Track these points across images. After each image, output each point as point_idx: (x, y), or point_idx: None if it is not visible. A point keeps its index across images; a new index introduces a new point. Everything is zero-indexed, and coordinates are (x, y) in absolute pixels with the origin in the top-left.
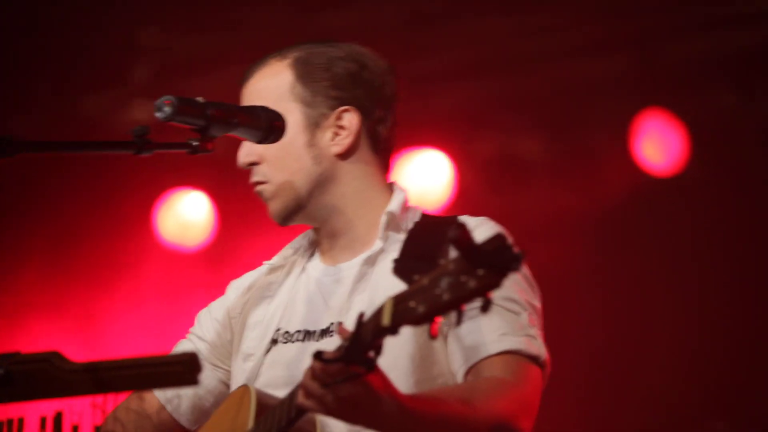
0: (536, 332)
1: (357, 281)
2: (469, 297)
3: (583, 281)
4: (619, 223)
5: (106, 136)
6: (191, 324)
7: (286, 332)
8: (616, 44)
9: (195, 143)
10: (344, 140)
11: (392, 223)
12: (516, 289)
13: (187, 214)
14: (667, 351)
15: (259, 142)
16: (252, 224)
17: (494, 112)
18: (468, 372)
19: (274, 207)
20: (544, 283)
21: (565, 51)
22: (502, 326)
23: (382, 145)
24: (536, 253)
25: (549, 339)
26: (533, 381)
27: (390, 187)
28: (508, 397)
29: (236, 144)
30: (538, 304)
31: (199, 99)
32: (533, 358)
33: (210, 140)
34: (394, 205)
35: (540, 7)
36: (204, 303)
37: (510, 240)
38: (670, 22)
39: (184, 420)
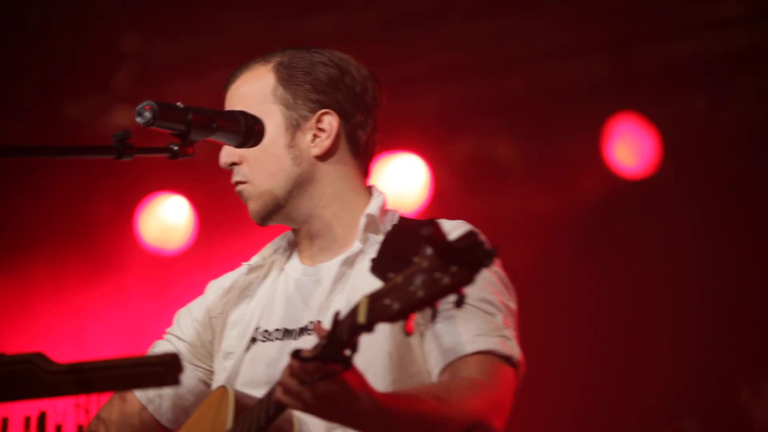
0: (511, 333)
1: (336, 281)
2: (443, 293)
3: (558, 282)
4: (593, 225)
5: (89, 141)
6: (170, 325)
7: (266, 331)
8: (589, 49)
9: (175, 148)
10: (323, 142)
11: (371, 226)
12: (491, 290)
13: (168, 218)
14: (640, 350)
15: (239, 146)
16: (231, 227)
17: (469, 115)
18: (443, 371)
19: (254, 207)
20: (518, 284)
21: (540, 55)
22: (477, 327)
23: (361, 150)
24: (511, 254)
25: (524, 339)
26: (506, 381)
27: (369, 191)
28: (482, 396)
29: (217, 148)
30: (513, 305)
31: (179, 104)
32: (507, 359)
33: (190, 145)
34: (373, 207)
35: (515, 12)
36: (185, 304)
37: (482, 238)
38: (643, 27)
39: (165, 419)
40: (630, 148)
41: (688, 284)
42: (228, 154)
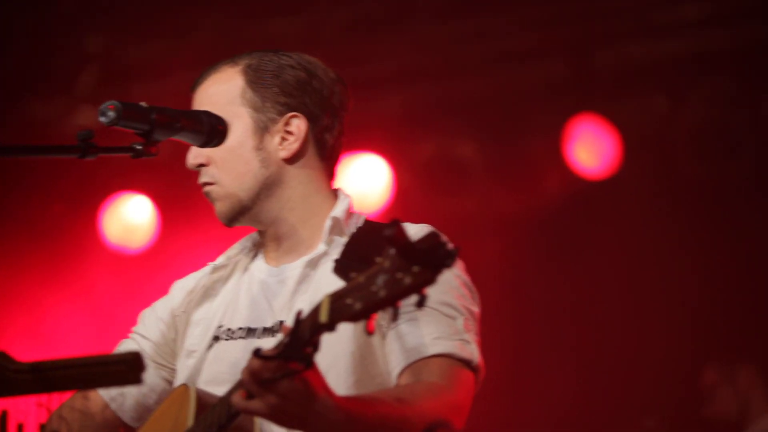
0: (471, 337)
1: (299, 282)
2: (404, 293)
3: (520, 282)
4: (555, 225)
5: (54, 142)
6: (136, 324)
7: (229, 329)
8: (551, 50)
9: (139, 147)
10: (291, 145)
11: (336, 228)
12: (453, 294)
13: (131, 217)
14: (599, 349)
15: (202, 145)
16: (195, 227)
17: (432, 116)
18: (403, 372)
19: (221, 208)
20: (480, 284)
21: (502, 56)
22: (437, 330)
23: (328, 152)
24: (473, 254)
25: (486, 338)
26: (465, 385)
27: (335, 193)
28: (440, 400)
29: (180, 148)
30: (475, 309)
31: (143, 104)
32: (466, 362)
33: (154, 144)
34: (338, 210)
35: (477, 14)
36: (148, 304)
37: (444, 239)
38: (605, 29)
39: (127, 418)
40: (591, 148)
41: (647, 283)
42: (196, 155)
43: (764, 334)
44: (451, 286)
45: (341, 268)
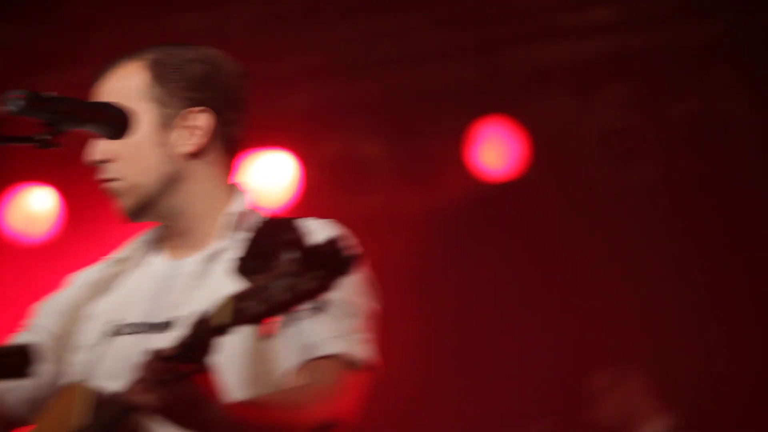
0: (365, 336)
1: (196, 278)
2: (306, 297)
3: (423, 280)
4: (459, 225)
5: None
6: (32, 315)
7: (125, 324)
8: (459, 51)
9: (45, 137)
10: (197, 140)
11: (235, 223)
12: (349, 292)
13: (33, 208)
14: (495, 352)
15: (110, 138)
16: (98, 220)
17: (339, 114)
18: (295, 371)
19: (125, 204)
20: (383, 281)
21: (410, 56)
22: (331, 329)
23: (232, 147)
24: (376, 252)
25: (386, 336)
26: (353, 386)
27: (237, 188)
28: (331, 402)
29: (85, 139)
30: (372, 307)
31: (50, 94)
32: (358, 362)
33: (60, 135)
34: (237, 205)
35: (384, 14)
36: (46, 295)
37: (349, 242)
38: (513, 30)
39: (17, 413)
40: (498, 150)
41: (547, 285)
42: (99, 150)
43: (652, 341)
44: (348, 284)
45: (242, 267)
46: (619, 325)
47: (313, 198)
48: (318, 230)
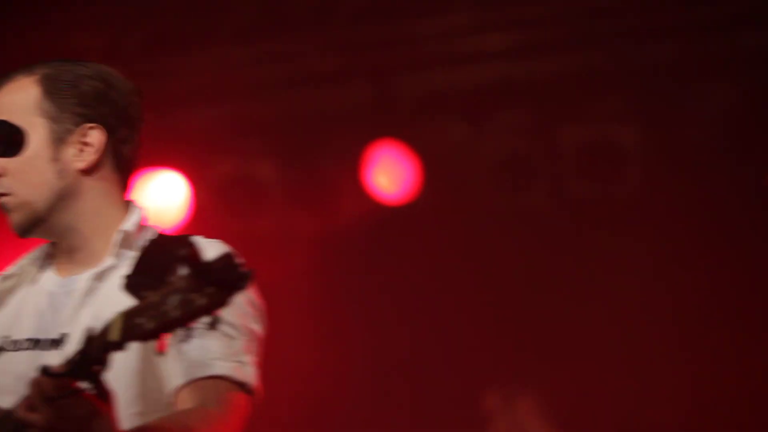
0: (249, 359)
1: (86, 295)
2: (197, 314)
3: (315, 303)
4: (351, 248)
5: None
6: None
7: (14, 340)
8: (353, 75)
9: None
10: (88, 157)
11: (126, 241)
12: (236, 313)
13: None
14: (388, 372)
15: (0, 154)
16: None
17: (232, 136)
18: (180, 391)
19: (15, 219)
20: (273, 304)
21: (304, 79)
22: (215, 350)
23: (124, 164)
24: (267, 274)
25: (277, 360)
26: (238, 408)
27: (128, 206)
28: (212, 424)
29: None
30: (258, 329)
31: None
32: (241, 385)
33: None
34: (129, 223)
35: (278, 37)
36: None
37: (239, 259)
38: (406, 55)
39: None
40: (391, 173)
41: (438, 307)
42: None
43: (543, 364)
44: (235, 305)
45: (131, 284)
46: (510, 345)
47: (205, 219)
48: (210, 248)
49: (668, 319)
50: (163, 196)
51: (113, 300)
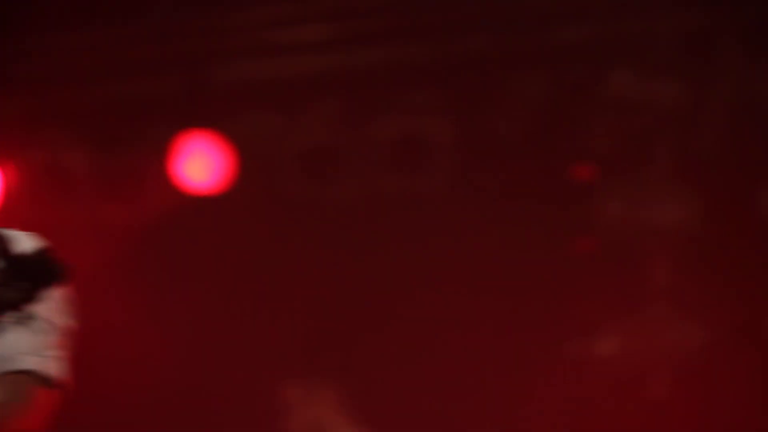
0: (59, 353)
1: None
2: (8, 307)
3: (128, 294)
4: (163, 238)
5: None
6: None
7: None
8: (165, 64)
9: None
10: None
11: None
12: (51, 307)
13: None
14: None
15: None
16: None
17: (42, 125)
18: None
19: None
20: (85, 295)
21: (115, 68)
22: (28, 344)
23: None
24: (79, 265)
25: (87, 347)
26: (44, 403)
27: None
28: (13, 418)
29: None
30: (69, 323)
31: None
32: (48, 380)
33: None
34: None
35: (91, 24)
36: None
37: (53, 254)
38: (219, 44)
39: None
40: (202, 164)
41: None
42: None
43: (346, 358)
44: (47, 299)
45: None
46: (313, 337)
47: (15, 209)
48: (22, 241)
49: (471, 317)
50: None
51: None
